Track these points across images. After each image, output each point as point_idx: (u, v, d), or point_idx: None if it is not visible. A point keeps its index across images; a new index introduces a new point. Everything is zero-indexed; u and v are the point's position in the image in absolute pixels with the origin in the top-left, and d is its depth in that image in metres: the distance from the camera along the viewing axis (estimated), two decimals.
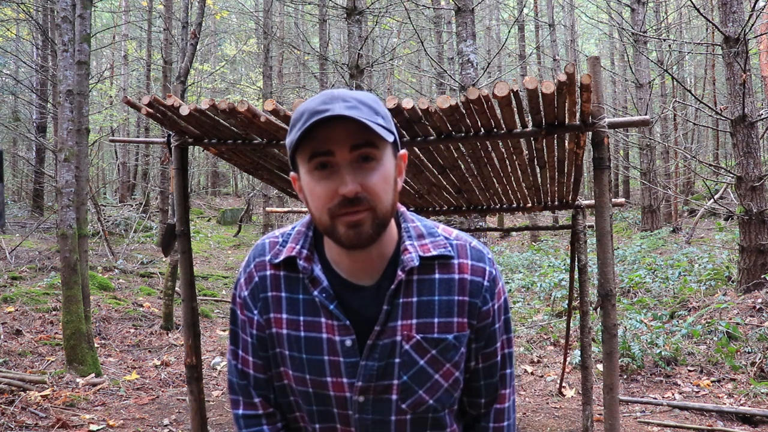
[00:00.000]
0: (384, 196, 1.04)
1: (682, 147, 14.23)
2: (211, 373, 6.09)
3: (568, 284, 5.24)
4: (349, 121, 1.00)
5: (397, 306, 1.11)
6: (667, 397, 5.07)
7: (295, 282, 1.15)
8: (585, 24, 24.39)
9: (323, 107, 1.00)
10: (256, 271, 1.18)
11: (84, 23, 5.69)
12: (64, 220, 5.33)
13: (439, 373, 1.13)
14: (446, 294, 1.12)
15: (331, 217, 1.03)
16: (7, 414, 4.21)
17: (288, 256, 1.14)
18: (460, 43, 6.54)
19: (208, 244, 15.38)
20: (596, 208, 2.58)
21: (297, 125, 1.03)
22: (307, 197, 1.08)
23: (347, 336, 1.11)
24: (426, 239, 1.14)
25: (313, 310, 1.13)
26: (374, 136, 1.02)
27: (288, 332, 1.14)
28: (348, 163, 1.02)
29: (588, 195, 19.12)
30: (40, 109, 13.91)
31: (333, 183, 1.02)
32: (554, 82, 2.18)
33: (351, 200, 1.01)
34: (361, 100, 1.03)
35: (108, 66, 20.27)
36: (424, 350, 1.11)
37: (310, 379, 1.13)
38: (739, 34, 6.53)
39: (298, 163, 1.08)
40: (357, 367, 1.11)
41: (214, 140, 3.01)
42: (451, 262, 1.14)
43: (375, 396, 1.12)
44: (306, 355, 1.13)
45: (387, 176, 1.05)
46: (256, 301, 1.17)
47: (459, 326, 1.13)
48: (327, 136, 1.01)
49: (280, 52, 15.54)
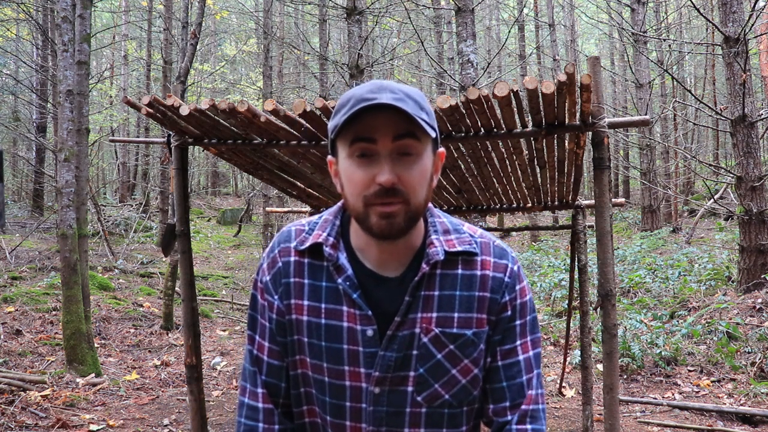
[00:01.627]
0: (419, 191, 1.05)
1: (682, 147, 14.23)
2: (211, 373, 6.09)
3: (568, 284, 5.24)
4: (394, 112, 1.01)
5: (419, 298, 1.11)
6: (667, 397, 5.07)
7: (319, 270, 1.15)
8: (585, 24, 24.39)
9: (371, 95, 1.01)
10: (280, 256, 1.18)
11: (84, 23, 5.69)
12: (64, 220, 5.33)
13: (457, 368, 1.13)
14: (467, 290, 1.13)
15: (365, 205, 1.04)
16: (7, 414, 4.21)
17: (314, 242, 1.14)
18: (460, 43, 6.54)
19: (208, 244, 15.38)
20: (596, 208, 2.58)
21: (342, 110, 1.04)
22: (344, 182, 1.08)
23: (369, 326, 1.11)
24: (452, 235, 1.15)
25: (335, 298, 1.13)
26: (417, 129, 1.03)
27: (309, 319, 1.14)
28: (388, 153, 1.03)
29: (588, 195, 19.11)
30: (40, 109, 13.91)
31: (372, 171, 1.03)
32: (554, 82, 2.18)
33: (387, 190, 1.02)
34: (407, 93, 1.04)
35: (108, 66, 20.27)
36: (442, 344, 1.12)
37: (327, 367, 1.13)
38: (739, 34, 6.53)
39: (338, 148, 1.09)
40: (375, 357, 1.11)
41: (214, 140, 3.01)
42: (475, 258, 1.15)
43: (391, 387, 1.12)
44: (325, 343, 1.13)
45: (424, 171, 1.07)
46: (278, 286, 1.17)
47: (478, 322, 1.13)
48: (371, 124, 1.02)
49: (280, 52, 15.53)
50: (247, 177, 20.80)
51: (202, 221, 18.88)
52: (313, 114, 2.49)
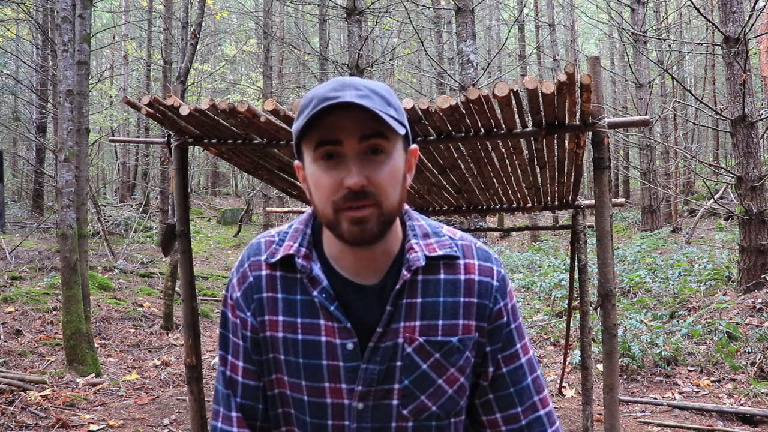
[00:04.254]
0: (391, 192, 1.00)
1: (682, 147, 14.21)
2: (211, 373, 6.09)
3: (568, 284, 5.24)
4: (359, 110, 0.95)
5: (401, 307, 1.06)
6: (667, 397, 5.07)
7: (293, 282, 1.09)
8: (585, 24, 24.40)
9: (333, 94, 0.95)
10: (250, 270, 1.11)
11: (84, 23, 5.69)
12: (64, 220, 5.33)
13: (443, 378, 1.08)
14: (451, 295, 1.08)
15: (335, 211, 0.98)
16: (7, 414, 4.21)
17: (286, 254, 1.08)
18: (460, 43, 6.54)
19: (208, 244, 15.38)
20: (596, 208, 2.58)
21: (305, 111, 0.98)
22: (311, 188, 1.03)
23: (348, 339, 1.05)
24: (431, 239, 1.10)
25: (311, 311, 1.07)
26: (385, 128, 0.97)
27: (284, 335, 1.08)
28: (356, 154, 0.97)
29: (588, 195, 19.12)
30: (40, 109, 13.91)
31: (339, 174, 0.97)
32: (554, 82, 2.18)
33: (356, 193, 0.96)
34: (373, 90, 0.98)
35: (108, 66, 20.27)
36: (427, 353, 1.06)
37: (306, 385, 1.07)
38: (739, 34, 6.53)
39: (303, 151, 1.03)
40: (357, 372, 1.05)
41: (214, 140, 3.01)
42: (457, 262, 1.09)
43: (375, 402, 1.07)
44: (303, 360, 1.07)
45: (396, 171, 1.01)
46: (250, 302, 1.10)
47: (464, 329, 1.08)
48: (335, 125, 0.96)
49: (280, 52, 15.54)
50: (247, 177, 20.81)
51: (202, 221, 18.88)
52: None
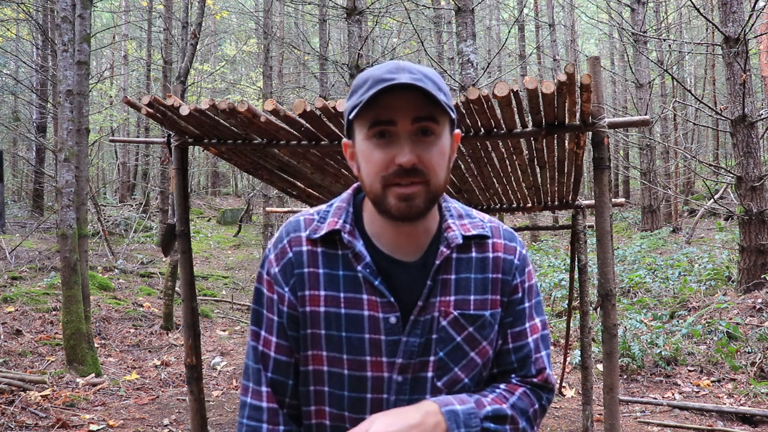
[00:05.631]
0: (439, 172, 1.05)
1: (682, 147, 14.21)
2: (211, 373, 6.09)
3: (568, 284, 5.24)
4: (414, 92, 1.00)
5: (438, 282, 1.11)
6: (667, 397, 5.07)
7: (335, 258, 1.12)
8: (585, 24, 24.39)
9: (390, 76, 1.00)
10: (290, 246, 1.14)
11: (84, 23, 5.69)
12: (64, 220, 5.33)
13: (475, 351, 1.13)
14: (482, 272, 1.14)
15: (383, 186, 1.03)
16: (7, 414, 4.21)
17: (331, 230, 1.11)
18: (460, 43, 6.53)
19: (208, 244, 15.38)
20: (596, 208, 2.58)
21: (359, 91, 1.03)
22: (361, 164, 1.07)
23: (391, 313, 1.09)
24: (465, 219, 1.17)
25: (354, 286, 1.10)
26: (437, 110, 1.03)
27: (326, 309, 1.10)
28: (408, 134, 1.02)
29: (588, 195, 19.11)
30: (40, 109, 13.91)
31: (391, 151, 1.02)
32: (554, 82, 2.18)
33: (407, 171, 1.01)
34: (426, 74, 1.03)
35: (108, 66, 20.27)
36: (462, 327, 1.12)
37: (348, 359, 1.10)
38: (739, 34, 6.53)
39: (355, 130, 1.08)
40: (398, 345, 1.09)
41: (214, 140, 3.01)
42: (487, 241, 1.16)
43: (413, 375, 1.10)
44: (345, 333, 1.09)
45: (443, 152, 1.06)
46: (289, 277, 1.13)
47: (493, 303, 1.14)
48: (390, 105, 1.01)
49: (280, 52, 15.52)
50: (247, 177, 20.80)
51: (202, 221, 18.88)
52: (313, 114, 2.49)
